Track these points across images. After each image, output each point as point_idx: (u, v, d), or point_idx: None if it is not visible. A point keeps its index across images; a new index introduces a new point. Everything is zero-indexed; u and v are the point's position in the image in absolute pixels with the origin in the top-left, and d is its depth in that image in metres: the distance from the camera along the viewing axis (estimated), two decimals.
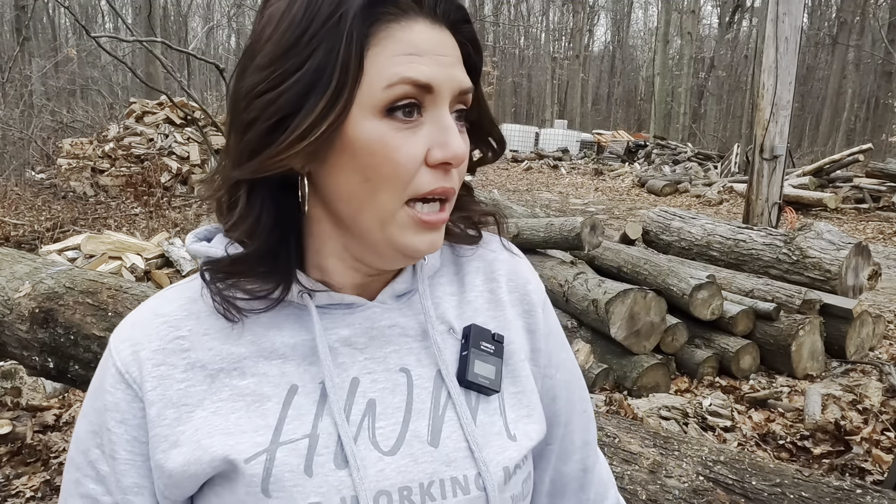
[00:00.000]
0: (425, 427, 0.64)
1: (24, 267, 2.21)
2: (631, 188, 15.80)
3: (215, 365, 0.62)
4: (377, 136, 0.57)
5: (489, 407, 0.67)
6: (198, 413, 0.60)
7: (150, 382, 0.61)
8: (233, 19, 29.04)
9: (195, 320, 0.63)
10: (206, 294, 0.63)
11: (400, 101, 0.57)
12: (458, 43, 0.62)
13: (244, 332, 0.63)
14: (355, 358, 0.64)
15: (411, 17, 0.58)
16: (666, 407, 3.44)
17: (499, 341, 0.69)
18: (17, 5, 17.91)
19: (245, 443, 0.59)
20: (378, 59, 0.56)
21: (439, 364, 0.66)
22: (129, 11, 24.33)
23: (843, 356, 4.36)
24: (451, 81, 0.59)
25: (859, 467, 2.90)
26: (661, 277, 4.42)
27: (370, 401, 0.63)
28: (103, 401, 0.63)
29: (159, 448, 0.60)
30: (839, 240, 4.98)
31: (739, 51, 32.55)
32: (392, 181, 0.58)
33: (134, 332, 0.64)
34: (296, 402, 0.61)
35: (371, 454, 0.61)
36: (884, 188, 11.46)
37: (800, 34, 6.89)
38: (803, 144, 25.78)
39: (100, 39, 8.85)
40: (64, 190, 10.97)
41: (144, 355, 0.62)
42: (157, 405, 0.60)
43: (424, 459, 0.62)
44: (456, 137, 0.59)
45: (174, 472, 0.60)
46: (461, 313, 0.71)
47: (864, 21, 26.81)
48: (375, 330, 0.66)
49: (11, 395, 3.43)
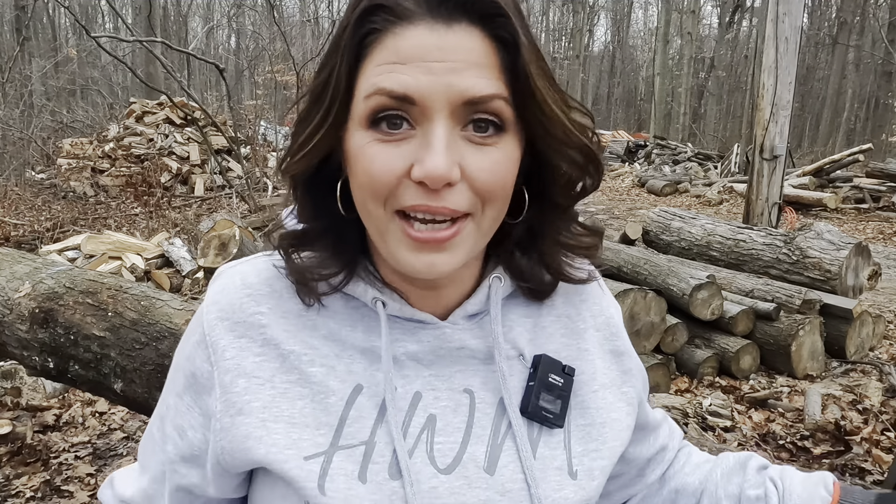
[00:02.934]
0: (483, 453, 0.63)
1: (24, 267, 2.21)
2: (631, 188, 15.80)
3: (288, 346, 0.63)
4: (358, 147, 0.56)
5: (552, 440, 0.66)
6: (266, 388, 0.62)
7: (229, 352, 0.63)
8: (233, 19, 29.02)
9: (276, 299, 0.65)
10: (284, 272, 0.65)
11: (380, 113, 0.55)
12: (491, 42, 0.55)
13: (319, 324, 0.64)
14: (420, 373, 0.64)
15: (408, 22, 0.54)
16: (666, 407, 3.43)
17: (569, 374, 0.67)
18: (17, 5, 17.90)
19: (307, 440, 0.60)
20: (366, 70, 0.56)
21: (503, 392, 0.64)
22: (129, 11, 24.31)
23: (843, 356, 4.36)
24: (446, 90, 0.53)
25: (859, 467, 2.90)
26: (661, 277, 4.41)
27: (430, 416, 0.63)
28: (192, 355, 0.67)
29: (227, 413, 0.62)
30: (839, 240, 4.98)
31: (739, 51, 32.55)
32: (370, 192, 0.56)
33: (221, 297, 0.66)
34: (358, 403, 0.62)
35: (426, 469, 0.61)
36: (884, 188, 11.46)
37: (800, 34, 6.89)
38: (803, 144, 25.76)
39: (100, 39, 8.86)
40: (64, 190, 10.97)
41: (227, 325, 0.64)
42: (231, 373, 0.63)
43: (478, 485, 0.61)
44: (435, 155, 0.53)
45: (235, 438, 0.61)
46: (534, 338, 0.69)
47: (864, 21, 26.81)
48: (444, 349, 0.65)
49: (11, 395, 3.43)
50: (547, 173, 0.62)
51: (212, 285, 0.68)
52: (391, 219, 0.57)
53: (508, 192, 0.59)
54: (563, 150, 0.60)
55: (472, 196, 0.56)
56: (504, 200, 0.59)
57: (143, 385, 1.86)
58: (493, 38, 0.55)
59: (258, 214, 8.34)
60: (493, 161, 0.56)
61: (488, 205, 0.57)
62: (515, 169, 0.59)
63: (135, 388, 1.88)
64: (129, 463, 3.03)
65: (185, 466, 0.67)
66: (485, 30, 0.55)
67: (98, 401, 3.54)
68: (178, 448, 0.67)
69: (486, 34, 0.55)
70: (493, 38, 0.55)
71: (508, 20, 0.55)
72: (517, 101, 0.56)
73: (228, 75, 11.09)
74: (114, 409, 3.53)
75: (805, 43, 24.70)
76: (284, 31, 10.72)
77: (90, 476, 2.94)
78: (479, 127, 0.55)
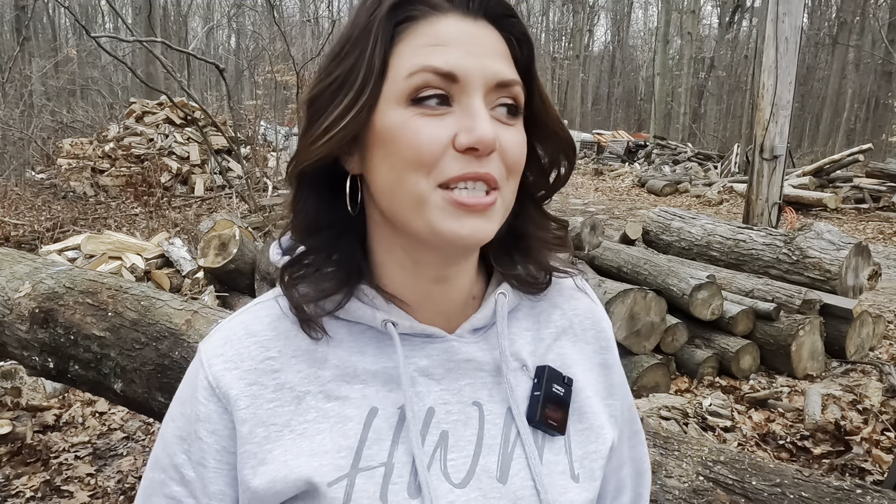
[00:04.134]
0: (495, 463, 0.65)
1: (24, 267, 2.21)
2: (631, 188, 15.81)
3: (303, 387, 0.64)
4: (400, 122, 0.58)
5: (554, 446, 0.68)
6: (286, 434, 0.63)
7: (242, 401, 0.63)
8: (233, 19, 29.02)
9: (284, 340, 0.65)
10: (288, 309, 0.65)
11: (424, 91, 0.58)
12: (504, 39, 0.62)
13: (329, 356, 0.65)
14: (431, 388, 0.66)
15: (441, 12, 0.59)
16: (666, 407, 3.43)
17: (568, 384, 0.70)
18: (17, 5, 17.91)
19: (327, 465, 0.61)
20: (403, 52, 0.59)
21: (510, 402, 0.67)
22: (129, 11, 24.32)
23: (843, 356, 4.36)
24: (483, 70, 0.58)
25: (859, 467, 2.90)
26: (661, 277, 4.42)
27: (443, 432, 0.65)
28: (195, 410, 0.65)
29: (248, 464, 0.62)
30: (839, 240, 4.98)
31: (739, 51, 32.54)
32: (415, 164, 0.58)
33: (227, 349, 0.65)
34: (375, 425, 0.63)
35: (442, 486, 0.62)
36: (884, 188, 11.46)
37: (800, 34, 6.89)
38: (803, 144, 25.76)
39: (100, 39, 8.86)
40: (64, 190, 10.97)
41: (237, 374, 0.64)
42: (248, 423, 0.63)
43: (493, 495, 0.64)
44: (483, 122, 0.57)
45: (259, 489, 0.62)
46: (535, 349, 0.71)
47: (864, 21, 26.80)
48: (452, 363, 0.67)
49: (11, 395, 3.43)
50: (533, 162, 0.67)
51: (207, 343, 0.68)
52: (433, 190, 0.58)
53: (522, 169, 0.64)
54: (554, 139, 0.66)
55: (502, 168, 0.60)
56: (519, 177, 0.63)
57: (143, 385, 1.86)
58: (504, 36, 0.62)
59: (258, 214, 8.34)
60: (518, 136, 0.62)
61: (512, 178, 0.62)
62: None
63: (135, 388, 1.88)
64: (130, 463, 3.04)
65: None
66: (499, 29, 0.61)
67: (98, 401, 3.54)
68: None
69: (499, 32, 0.62)
70: (503, 35, 0.62)
71: (517, 21, 0.62)
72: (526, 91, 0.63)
73: (228, 75, 11.09)
74: (114, 409, 3.53)
75: (805, 43, 24.69)
76: (284, 31, 10.72)
77: (90, 476, 2.94)
78: (504, 110, 0.61)
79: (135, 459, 3.08)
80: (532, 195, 0.70)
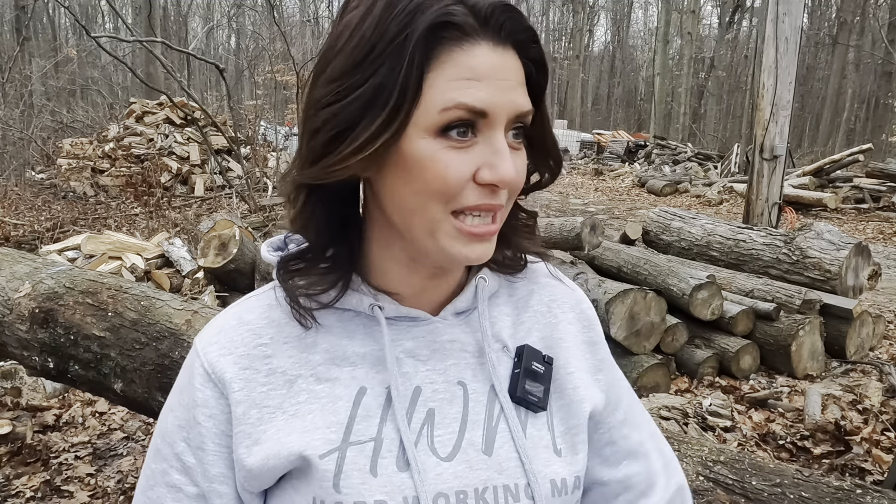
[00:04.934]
0: (480, 437, 0.68)
1: (24, 267, 2.21)
2: (631, 188, 15.80)
3: (294, 371, 0.67)
4: (429, 154, 0.59)
5: (537, 422, 0.71)
6: (278, 415, 0.66)
7: (237, 384, 0.66)
8: (233, 19, 29.02)
9: (275, 328, 0.69)
10: (281, 299, 0.68)
11: (455, 124, 0.59)
12: (522, 62, 0.63)
13: (319, 341, 0.68)
14: (418, 368, 0.69)
15: (474, 39, 0.59)
16: (666, 407, 3.43)
17: (548, 363, 0.74)
18: (17, 5, 17.91)
19: (319, 439, 0.64)
20: (437, 81, 0.58)
21: (493, 380, 0.70)
22: (129, 11, 24.32)
23: (843, 356, 4.36)
24: (509, 105, 0.60)
25: (859, 467, 2.90)
26: (661, 277, 4.42)
27: (430, 410, 0.68)
28: (193, 397, 0.68)
29: (242, 444, 0.66)
30: (839, 240, 4.98)
31: (739, 51, 32.54)
32: (439, 195, 0.60)
33: (221, 337, 0.69)
34: (364, 403, 0.66)
35: (430, 459, 0.66)
36: (884, 188, 11.46)
37: (800, 34, 6.89)
38: (803, 144, 25.76)
39: (100, 39, 8.86)
40: (64, 190, 10.97)
41: (231, 359, 0.67)
42: (242, 405, 0.66)
43: (479, 466, 0.67)
44: (506, 161, 0.60)
45: (254, 467, 0.65)
46: (515, 333, 0.75)
47: (864, 21, 26.80)
48: (437, 343, 0.70)
49: (11, 395, 3.43)
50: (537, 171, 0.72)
51: (202, 335, 0.70)
52: (446, 217, 0.62)
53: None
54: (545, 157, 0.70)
55: (506, 192, 0.64)
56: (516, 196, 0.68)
57: (143, 385, 1.86)
58: (522, 61, 0.63)
59: (258, 214, 8.34)
60: (522, 163, 0.65)
61: (511, 199, 0.65)
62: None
63: (135, 388, 1.88)
64: (130, 463, 3.04)
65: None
66: (520, 54, 0.62)
67: (98, 401, 3.54)
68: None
69: (519, 57, 0.62)
70: (522, 60, 0.63)
71: (540, 47, 0.64)
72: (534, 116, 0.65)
73: (228, 75, 11.09)
74: (114, 409, 3.53)
75: (805, 43, 24.68)
76: (284, 31, 10.71)
77: (90, 476, 2.94)
78: (515, 135, 0.63)
79: (135, 459, 3.08)
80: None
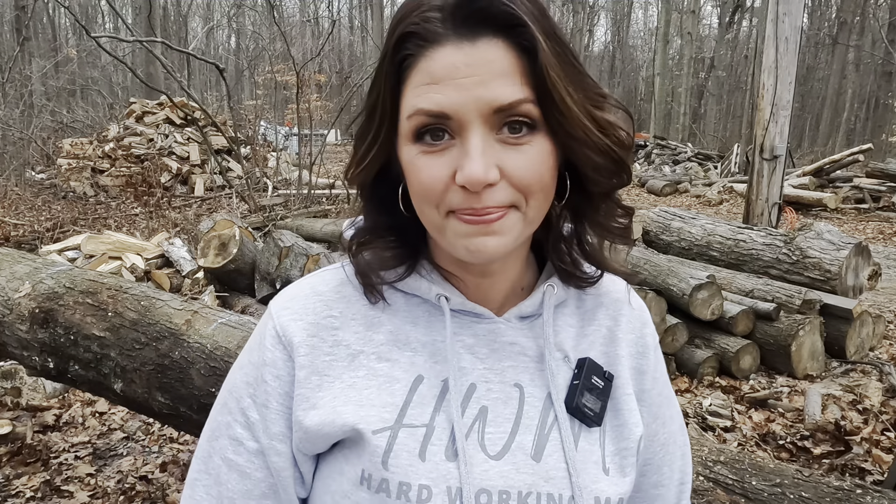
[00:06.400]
0: (530, 441, 0.68)
1: (24, 267, 2.21)
2: (631, 188, 15.79)
3: (357, 346, 0.70)
4: (408, 160, 0.63)
5: (590, 437, 0.70)
6: (337, 384, 0.68)
7: (303, 349, 0.69)
8: (233, 19, 29.02)
9: (346, 303, 0.71)
10: (351, 275, 0.71)
11: (422, 129, 0.61)
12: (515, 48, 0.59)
13: (384, 322, 0.71)
14: (475, 365, 0.69)
15: (437, 43, 0.59)
16: None
17: (609, 379, 0.73)
18: (17, 5, 17.89)
19: (374, 416, 0.66)
20: (406, 92, 0.62)
21: (550, 387, 0.70)
22: (129, 11, 24.31)
23: (843, 356, 4.36)
24: (476, 102, 0.58)
25: (859, 467, 2.90)
26: (661, 277, 4.41)
27: (483, 407, 0.68)
28: (262, 356, 0.71)
29: (300, 407, 0.68)
30: (839, 240, 4.98)
31: (739, 51, 32.53)
32: (425, 199, 0.63)
33: (294, 304, 0.72)
34: (420, 390, 0.68)
35: (478, 454, 0.66)
36: (884, 188, 11.46)
37: (800, 34, 6.89)
38: (803, 144, 25.76)
39: (100, 39, 8.86)
40: (64, 190, 10.97)
41: (301, 325, 0.70)
42: (305, 369, 0.68)
43: (526, 470, 0.66)
44: (473, 162, 0.58)
45: (310, 429, 0.67)
46: (577, 344, 0.74)
47: (864, 21, 26.79)
48: (497, 344, 0.70)
49: (11, 395, 3.43)
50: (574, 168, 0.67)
51: (277, 299, 0.73)
52: (445, 217, 0.63)
53: (547, 183, 0.64)
54: (581, 150, 0.63)
55: (513, 192, 0.61)
56: (545, 191, 0.64)
57: (143, 385, 1.86)
58: (515, 45, 0.59)
59: (258, 214, 8.34)
60: (529, 158, 0.61)
61: (531, 197, 0.62)
62: (552, 161, 0.63)
63: (135, 388, 1.88)
64: (130, 463, 3.04)
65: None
66: (507, 39, 0.59)
67: (98, 401, 3.54)
68: (280, 463, 0.70)
69: (509, 43, 0.59)
70: (514, 45, 0.59)
71: (527, 28, 0.58)
72: (541, 102, 0.60)
73: (228, 75, 11.09)
74: (114, 409, 3.53)
75: (805, 43, 24.69)
76: (284, 31, 10.71)
77: (90, 476, 2.94)
78: (513, 129, 0.60)
79: (135, 459, 3.08)
80: (590, 190, 0.68)
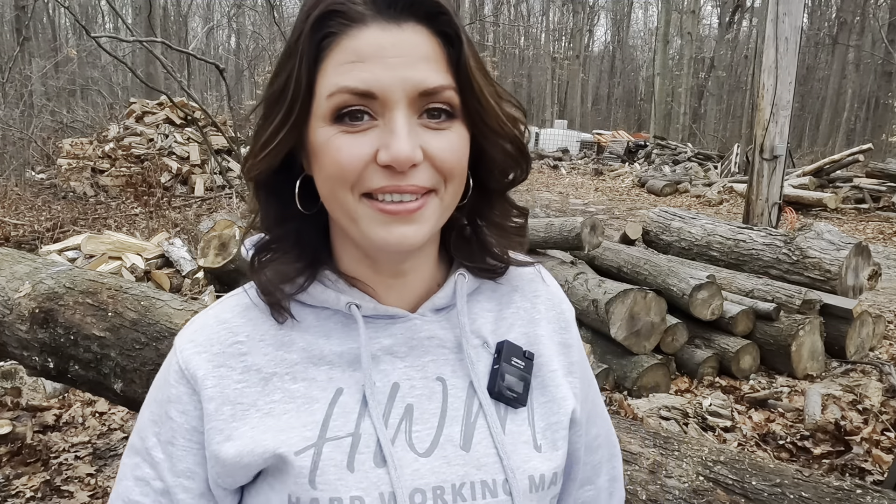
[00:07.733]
0: (458, 433, 0.68)
1: (24, 267, 2.21)
2: (631, 188, 15.79)
3: (269, 369, 0.67)
4: (324, 140, 0.61)
5: (517, 418, 0.71)
6: (252, 412, 0.66)
7: (209, 381, 0.66)
8: (233, 19, 29.03)
9: (252, 326, 0.69)
10: (255, 296, 0.69)
11: (344, 109, 0.60)
12: (437, 38, 0.61)
13: (295, 340, 0.68)
14: (396, 365, 0.69)
15: (363, 23, 0.59)
16: (666, 407, 3.44)
17: (529, 358, 0.73)
18: (17, 5, 17.90)
19: (295, 437, 0.64)
20: (326, 70, 0.60)
21: (471, 376, 0.70)
22: (129, 11, 24.33)
23: (843, 356, 4.36)
24: (403, 83, 0.58)
25: (859, 467, 2.90)
26: (661, 277, 4.42)
27: (408, 405, 0.68)
28: (167, 393, 0.68)
29: (214, 440, 0.65)
30: (839, 240, 4.98)
31: (739, 51, 32.53)
32: (339, 180, 0.61)
33: (197, 336, 0.69)
34: (341, 402, 0.66)
35: (407, 455, 0.66)
36: (884, 188, 11.46)
37: (800, 34, 6.89)
38: (803, 144, 25.75)
39: (100, 39, 8.85)
40: (64, 190, 10.96)
41: (205, 357, 0.67)
42: (215, 401, 0.66)
43: (457, 462, 0.66)
44: (400, 141, 0.58)
45: (228, 461, 0.65)
46: (496, 328, 0.74)
47: (864, 21, 26.80)
48: (415, 340, 0.70)
49: (11, 395, 3.43)
50: (485, 161, 0.68)
51: (182, 333, 0.71)
52: (359, 202, 0.62)
53: (464, 169, 0.65)
54: (496, 140, 0.66)
55: (434, 174, 0.62)
56: (462, 178, 0.65)
57: (143, 385, 1.86)
58: (438, 34, 0.61)
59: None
60: (450, 142, 0.62)
61: (449, 181, 0.63)
62: (467, 150, 0.64)
63: (135, 388, 1.88)
64: None
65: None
66: (430, 27, 0.60)
67: (98, 401, 3.54)
68: (190, 492, 0.68)
69: (432, 31, 0.61)
70: (437, 34, 0.61)
71: (451, 18, 0.61)
72: (460, 92, 0.62)
73: (228, 75, 11.09)
74: (114, 409, 3.53)
75: (805, 43, 24.68)
76: (284, 31, 10.71)
77: (90, 476, 2.94)
78: (432, 115, 0.61)
79: None
80: (490, 187, 0.71)
